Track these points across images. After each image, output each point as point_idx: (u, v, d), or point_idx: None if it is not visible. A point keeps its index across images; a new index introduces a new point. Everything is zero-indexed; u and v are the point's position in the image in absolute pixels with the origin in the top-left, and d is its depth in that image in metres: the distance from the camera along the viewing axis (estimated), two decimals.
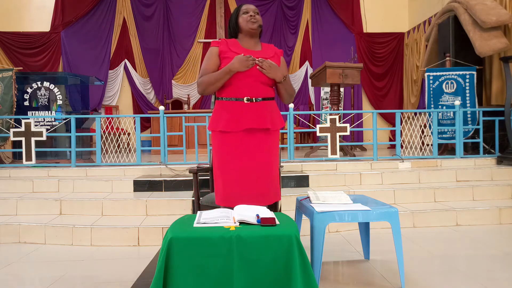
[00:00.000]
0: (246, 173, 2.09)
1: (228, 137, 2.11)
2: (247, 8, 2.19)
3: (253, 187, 2.09)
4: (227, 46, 2.15)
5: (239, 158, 2.10)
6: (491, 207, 3.55)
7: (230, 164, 2.11)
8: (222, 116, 2.12)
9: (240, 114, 2.09)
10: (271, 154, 2.17)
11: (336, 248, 2.90)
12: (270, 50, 2.23)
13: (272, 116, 2.16)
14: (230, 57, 2.09)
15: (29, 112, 4.70)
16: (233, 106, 2.10)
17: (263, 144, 2.13)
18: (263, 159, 2.12)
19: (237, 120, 2.08)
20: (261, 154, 2.12)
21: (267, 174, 2.13)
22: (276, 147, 2.23)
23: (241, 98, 2.09)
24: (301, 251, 1.61)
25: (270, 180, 2.15)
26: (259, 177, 2.11)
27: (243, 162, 2.10)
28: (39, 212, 3.53)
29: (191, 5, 7.89)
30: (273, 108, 2.20)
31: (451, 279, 2.27)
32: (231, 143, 2.11)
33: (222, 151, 2.13)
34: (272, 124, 2.15)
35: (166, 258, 1.58)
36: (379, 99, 8.04)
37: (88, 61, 7.64)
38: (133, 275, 2.40)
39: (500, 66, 5.14)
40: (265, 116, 2.11)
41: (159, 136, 4.39)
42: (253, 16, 2.15)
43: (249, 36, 2.19)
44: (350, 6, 8.05)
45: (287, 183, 3.95)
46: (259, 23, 2.17)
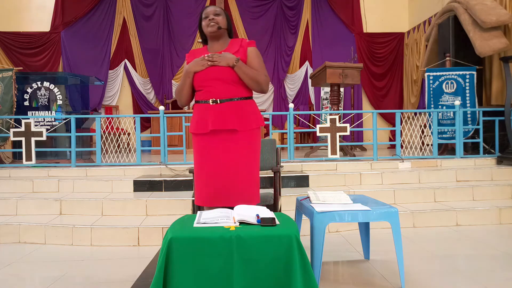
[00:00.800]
0: (214, 175, 2.10)
1: (198, 139, 2.15)
2: (206, 12, 2.16)
3: (222, 189, 2.09)
4: (193, 57, 2.18)
5: (208, 159, 2.11)
6: (491, 207, 3.55)
7: (200, 165, 2.14)
8: (193, 119, 2.17)
9: (205, 116, 2.10)
10: (241, 155, 2.10)
11: (336, 248, 2.90)
12: (236, 45, 2.17)
13: (241, 116, 2.09)
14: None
15: (29, 112, 4.70)
16: (201, 109, 2.13)
17: (231, 145, 2.09)
18: (230, 161, 2.09)
19: (202, 122, 2.11)
20: (229, 155, 2.09)
21: (235, 175, 2.08)
22: (250, 148, 2.13)
23: (207, 100, 2.10)
24: (301, 251, 1.61)
25: (240, 181, 2.09)
26: (227, 179, 2.08)
27: (211, 164, 2.10)
28: (39, 212, 3.53)
29: (191, 5, 7.89)
30: (244, 108, 2.12)
31: (451, 279, 2.27)
32: (200, 145, 2.14)
33: (195, 152, 2.17)
34: (239, 125, 2.08)
35: (166, 258, 1.58)
36: (379, 99, 8.04)
37: (88, 61, 7.64)
38: (133, 275, 2.40)
39: (500, 66, 5.14)
40: (229, 117, 2.07)
41: (159, 136, 4.39)
42: (211, 19, 2.12)
43: (213, 39, 2.18)
44: (350, 6, 8.05)
45: (287, 183, 3.95)
46: (218, 25, 2.11)
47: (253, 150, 2.15)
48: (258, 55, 2.17)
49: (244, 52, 2.13)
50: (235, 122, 2.08)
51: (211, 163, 2.11)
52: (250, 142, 2.13)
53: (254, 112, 2.16)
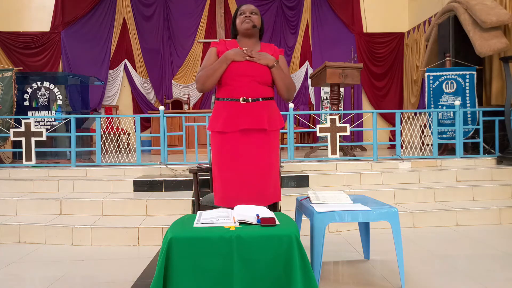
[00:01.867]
0: (243, 174, 2.09)
1: (225, 138, 2.11)
2: (244, 9, 2.20)
3: (250, 188, 2.09)
4: (225, 46, 2.17)
5: (236, 158, 2.10)
6: (491, 207, 3.55)
7: (227, 165, 2.11)
8: (220, 117, 2.12)
9: (236, 114, 2.09)
10: (269, 154, 2.14)
11: (336, 248, 2.90)
12: (269, 49, 2.21)
13: (269, 116, 2.14)
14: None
15: (29, 112, 4.70)
16: (230, 107, 2.10)
17: (260, 144, 2.12)
18: (260, 160, 2.11)
19: (233, 121, 2.09)
20: (258, 154, 2.11)
21: (264, 174, 2.12)
22: (275, 147, 2.20)
23: (237, 98, 2.09)
24: (301, 251, 1.61)
25: (268, 180, 2.13)
26: (256, 178, 2.10)
27: (240, 163, 2.09)
28: (39, 212, 3.53)
29: (191, 5, 7.89)
30: (272, 108, 2.17)
31: (451, 279, 2.27)
32: (228, 144, 2.11)
33: (220, 151, 2.13)
34: (269, 125, 2.12)
35: (166, 258, 1.58)
36: (379, 99, 8.04)
37: (88, 61, 7.64)
38: (133, 275, 2.40)
39: (500, 66, 5.14)
40: (261, 116, 2.10)
41: (159, 136, 4.39)
42: (248, 16, 2.15)
43: (246, 36, 2.19)
44: (350, 6, 8.05)
45: (287, 183, 3.95)
46: (253, 23, 2.14)
47: (277, 149, 2.23)
48: (285, 64, 2.23)
49: (276, 58, 2.16)
50: (266, 122, 2.11)
51: (240, 162, 2.10)
52: (276, 142, 2.21)
53: (278, 112, 2.23)
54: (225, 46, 2.17)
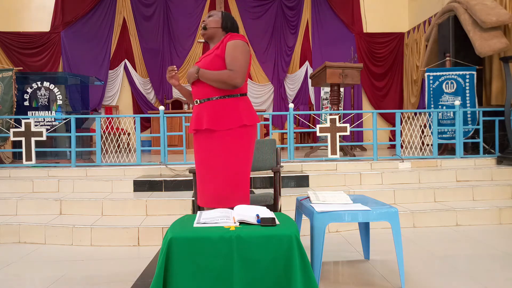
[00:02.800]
0: (199, 175, 2.18)
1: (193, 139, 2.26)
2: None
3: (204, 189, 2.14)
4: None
5: (196, 159, 2.22)
6: (491, 207, 3.55)
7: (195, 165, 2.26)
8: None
9: (193, 116, 2.21)
10: (220, 155, 2.07)
11: (336, 248, 2.90)
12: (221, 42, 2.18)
13: (217, 116, 2.07)
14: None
15: (29, 112, 4.70)
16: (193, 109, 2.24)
17: (207, 145, 2.11)
18: (207, 161, 2.11)
19: (191, 123, 2.22)
20: (205, 155, 2.13)
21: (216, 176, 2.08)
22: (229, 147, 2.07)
23: (195, 101, 2.21)
24: (301, 251, 1.61)
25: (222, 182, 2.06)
26: (209, 179, 2.12)
27: (196, 164, 2.21)
28: (39, 212, 3.53)
29: (191, 5, 7.89)
30: (222, 107, 2.08)
31: (451, 279, 2.27)
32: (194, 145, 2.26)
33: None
34: (216, 124, 2.06)
35: (166, 258, 1.58)
36: (379, 99, 8.04)
37: (88, 61, 7.64)
38: (133, 275, 2.40)
39: (500, 66, 5.14)
40: (205, 117, 2.09)
41: (159, 136, 4.39)
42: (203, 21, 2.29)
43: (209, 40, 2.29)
44: (350, 6, 8.05)
45: (287, 183, 3.95)
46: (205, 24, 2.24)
47: (233, 150, 2.07)
48: (234, 47, 2.08)
49: (223, 48, 2.12)
50: (210, 122, 2.08)
51: (196, 163, 2.21)
52: (229, 141, 2.07)
53: (236, 110, 2.09)
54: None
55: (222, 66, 2.09)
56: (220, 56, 2.10)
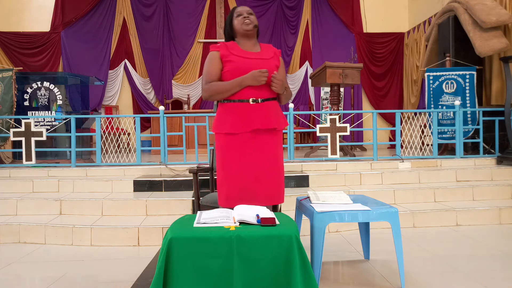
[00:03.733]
0: (252, 174, 2.10)
1: (235, 139, 2.11)
2: (240, 10, 2.20)
3: (259, 188, 2.10)
4: (227, 50, 2.15)
5: (246, 159, 2.10)
6: (491, 207, 3.55)
7: (236, 165, 2.10)
8: (228, 118, 2.12)
9: (246, 115, 2.09)
10: (277, 154, 2.18)
11: (336, 248, 2.90)
12: (270, 50, 2.23)
13: (277, 116, 2.17)
14: (232, 60, 2.11)
15: (29, 112, 4.70)
16: (239, 108, 2.10)
17: (270, 144, 2.14)
18: (269, 160, 2.13)
19: (244, 121, 2.09)
20: (268, 154, 2.13)
21: (273, 174, 2.14)
22: (281, 147, 2.23)
23: (246, 100, 2.10)
24: (301, 251, 1.61)
25: (277, 180, 2.15)
26: (266, 178, 2.12)
27: (250, 163, 2.10)
28: (39, 212, 3.53)
29: (191, 5, 7.89)
30: (277, 108, 2.21)
31: (451, 279, 2.27)
32: (238, 145, 2.11)
33: (228, 152, 2.12)
34: (278, 124, 2.16)
35: (166, 258, 1.58)
36: (379, 99, 8.04)
37: (88, 61, 7.64)
38: (133, 275, 2.40)
39: (500, 66, 5.14)
40: (271, 116, 2.13)
41: (159, 136, 4.39)
42: (246, 17, 2.16)
43: (245, 38, 2.19)
44: (350, 6, 8.05)
45: (287, 183, 3.95)
46: (253, 23, 2.17)
47: (282, 148, 2.25)
48: (283, 65, 2.29)
49: (278, 60, 2.23)
50: (275, 121, 2.15)
51: (250, 163, 2.10)
52: (281, 141, 2.24)
53: (282, 112, 2.27)
54: (227, 49, 2.16)
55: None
56: (277, 67, 2.21)
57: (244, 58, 2.12)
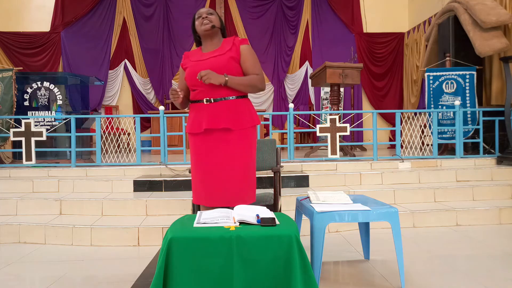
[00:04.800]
0: (209, 174, 2.12)
1: (194, 139, 2.17)
2: (200, 11, 2.21)
3: (216, 188, 2.10)
4: (187, 58, 2.24)
5: (202, 158, 2.14)
6: (491, 207, 3.55)
7: (196, 164, 2.16)
8: (189, 118, 2.19)
9: (200, 115, 2.12)
10: (236, 154, 2.10)
11: (336, 248, 2.90)
12: (228, 43, 2.18)
13: (235, 115, 2.09)
14: (187, 67, 2.19)
15: (29, 112, 4.70)
16: (196, 108, 2.15)
17: (225, 144, 2.10)
18: (225, 160, 2.10)
19: (197, 122, 2.12)
20: (223, 155, 2.10)
21: (230, 175, 2.09)
22: (245, 147, 2.13)
23: (201, 100, 2.12)
24: (301, 251, 1.61)
25: (234, 181, 2.09)
26: (222, 178, 2.10)
27: (206, 163, 2.13)
28: (39, 212, 3.53)
29: (191, 5, 7.88)
30: (238, 107, 2.11)
31: (451, 279, 2.27)
32: (196, 144, 2.16)
33: (192, 152, 2.19)
34: (234, 124, 2.08)
35: (166, 258, 1.58)
36: (379, 99, 8.04)
37: (88, 61, 7.64)
38: (133, 275, 2.40)
39: (500, 66, 5.14)
40: (223, 116, 2.08)
41: (159, 136, 4.39)
42: (205, 17, 2.16)
43: (207, 38, 2.20)
44: (350, 6, 8.05)
45: (287, 183, 3.95)
46: (212, 23, 2.15)
47: (248, 149, 2.15)
48: (251, 52, 2.17)
49: (237, 50, 2.14)
50: (228, 121, 2.09)
51: (206, 163, 2.12)
52: (245, 141, 2.13)
53: (248, 110, 2.16)
54: (187, 57, 2.25)
55: (237, 68, 2.12)
56: (235, 58, 2.12)
57: (195, 62, 2.16)
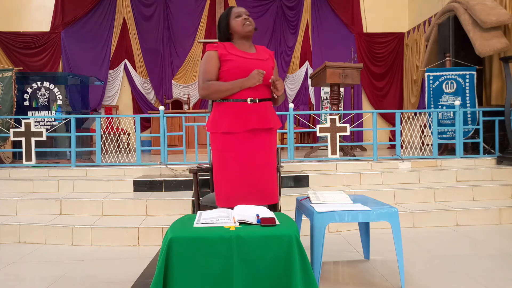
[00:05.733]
0: (249, 173, 2.11)
1: (231, 138, 2.11)
2: (239, 11, 2.19)
3: (255, 187, 2.11)
4: (225, 49, 2.15)
5: (243, 158, 2.11)
6: (491, 207, 3.55)
7: (233, 165, 2.10)
8: (225, 118, 2.11)
9: (244, 114, 2.10)
10: (272, 153, 2.21)
11: (336, 248, 2.90)
12: (264, 52, 2.26)
13: (274, 115, 2.23)
14: (232, 59, 2.11)
15: (29, 112, 4.70)
16: (236, 107, 2.11)
17: (266, 143, 2.17)
18: (265, 159, 2.16)
19: (242, 121, 2.09)
20: (264, 153, 2.15)
21: (269, 173, 2.17)
22: (276, 146, 2.27)
23: (244, 99, 2.10)
24: (301, 251, 1.61)
25: (272, 179, 2.18)
26: (262, 177, 2.13)
27: (247, 162, 2.11)
28: (39, 212, 3.53)
29: (191, 5, 7.89)
30: (272, 108, 2.25)
31: (451, 279, 2.27)
32: (235, 144, 2.10)
33: (225, 152, 2.12)
34: (274, 124, 2.20)
35: (166, 258, 1.58)
36: (379, 99, 8.04)
37: (88, 61, 7.64)
38: (133, 275, 2.40)
39: (500, 66, 5.14)
40: (268, 116, 2.16)
41: (159, 136, 4.39)
42: (246, 18, 2.18)
43: (244, 39, 2.21)
44: (350, 6, 8.05)
45: (287, 183, 3.95)
46: (253, 25, 2.21)
47: (276, 148, 2.28)
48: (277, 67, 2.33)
49: (273, 62, 2.28)
50: (272, 121, 2.18)
51: (249, 162, 2.11)
52: (275, 140, 2.28)
53: (275, 112, 2.30)
54: (225, 49, 2.15)
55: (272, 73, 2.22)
56: (273, 68, 2.25)
57: (243, 58, 2.13)
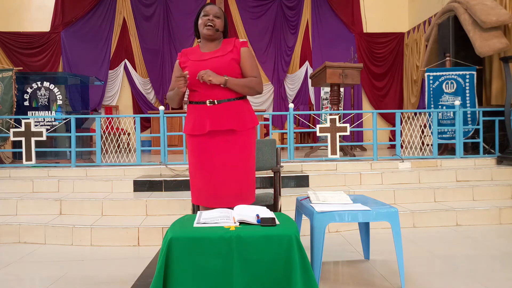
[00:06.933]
0: (212, 175, 2.11)
1: (195, 140, 2.15)
2: (207, 10, 2.14)
3: (219, 189, 2.10)
4: (186, 56, 2.18)
5: (205, 160, 2.12)
6: (491, 207, 3.55)
7: (197, 166, 2.14)
8: (189, 120, 2.16)
9: (203, 117, 2.10)
10: (239, 155, 2.12)
11: (336, 248, 2.90)
12: (229, 45, 2.16)
13: (239, 116, 2.11)
14: (187, 66, 2.13)
15: (29, 112, 4.70)
16: (198, 110, 2.12)
17: (229, 145, 2.11)
18: (228, 161, 2.11)
19: (200, 123, 2.11)
20: (227, 155, 2.10)
21: (233, 175, 2.11)
22: (247, 147, 2.15)
23: (203, 101, 2.10)
24: (301, 251, 1.61)
25: (237, 181, 2.12)
26: (224, 179, 2.10)
27: (209, 164, 2.12)
28: (39, 212, 3.53)
29: (191, 5, 7.88)
30: (241, 108, 2.14)
31: (451, 279, 2.27)
32: (198, 146, 2.14)
33: (192, 153, 2.17)
34: (238, 125, 2.10)
35: (166, 258, 1.58)
36: (379, 99, 8.04)
37: (88, 61, 7.64)
38: (133, 275, 2.40)
39: (500, 66, 5.14)
40: (227, 117, 2.09)
41: (159, 136, 4.39)
42: (210, 20, 2.10)
43: (208, 40, 2.16)
44: (350, 6, 8.05)
45: (287, 183, 3.95)
46: (215, 28, 2.10)
47: (250, 149, 2.17)
48: (250, 55, 2.17)
49: (238, 53, 2.13)
50: (232, 123, 2.09)
51: (210, 164, 2.12)
52: (247, 142, 2.16)
53: (249, 111, 2.19)
54: (186, 56, 2.17)
55: (237, 70, 2.12)
56: (236, 60, 2.12)
57: (196, 62, 2.11)
